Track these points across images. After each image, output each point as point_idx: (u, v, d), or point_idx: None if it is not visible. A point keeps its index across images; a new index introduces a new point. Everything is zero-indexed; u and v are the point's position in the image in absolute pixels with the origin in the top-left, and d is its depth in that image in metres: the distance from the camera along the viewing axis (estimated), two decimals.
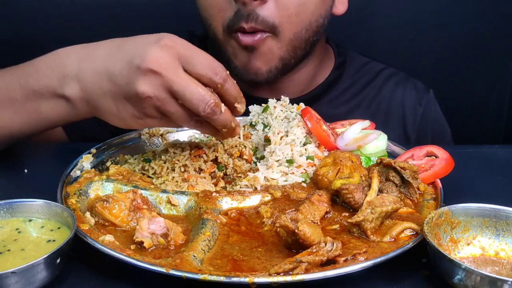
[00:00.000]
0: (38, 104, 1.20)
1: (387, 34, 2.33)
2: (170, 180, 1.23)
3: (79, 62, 1.14)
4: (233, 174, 1.27)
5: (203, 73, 1.08)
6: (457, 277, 0.85)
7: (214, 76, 1.08)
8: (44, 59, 1.21)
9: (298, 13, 1.49)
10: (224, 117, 1.11)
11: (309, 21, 1.53)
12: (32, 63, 1.22)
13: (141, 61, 1.05)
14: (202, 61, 1.08)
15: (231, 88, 1.12)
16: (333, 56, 1.82)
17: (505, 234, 0.98)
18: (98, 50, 1.15)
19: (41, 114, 1.21)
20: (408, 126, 1.78)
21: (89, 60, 1.14)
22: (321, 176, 1.17)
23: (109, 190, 1.17)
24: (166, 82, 1.05)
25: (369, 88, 1.81)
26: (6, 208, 1.01)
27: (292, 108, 1.39)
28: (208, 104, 1.07)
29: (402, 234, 0.99)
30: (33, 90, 1.19)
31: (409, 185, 1.15)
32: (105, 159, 1.34)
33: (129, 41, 1.13)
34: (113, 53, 1.12)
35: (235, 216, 1.10)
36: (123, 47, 1.12)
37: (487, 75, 2.42)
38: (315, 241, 0.93)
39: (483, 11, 2.31)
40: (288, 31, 1.50)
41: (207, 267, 0.92)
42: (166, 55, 1.05)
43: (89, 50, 1.16)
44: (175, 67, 1.06)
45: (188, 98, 1.06)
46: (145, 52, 1.05)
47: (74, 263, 0.95)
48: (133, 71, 1.06)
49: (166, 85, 1.05)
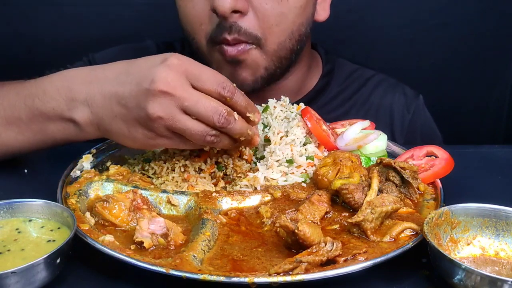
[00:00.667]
0: (45, 126, 1.20)
1: (387, 34, 2.33)
2: (170, 180, 1.23)
3: (87, 86, 1.15)
4: (233, 174, 1.26)
5: (212, 88, 1.09)
6: (457, 277, 0.85)
7: (222, 90, 1.10)
8: (50, 80, 1.21)
9: (279, 23, 1.48)
10: (239, 125, 1.13)
11: (291, 30, 1.52)
12: (38, 83, 1.22)
13: (150, 83, 1.06)
14: (209, 77, 1.10)
15: (240, 100, 1.13)
16: (321, 64, 1.82)
17: (505, 234, 0.98)
18: (105, 74, 1.16)
19: (48, 135, 1.22)
20: (396, 132, 1.77)
21: (97, 84, 1.14)
22: (321, 176, 1.17)
23: (109, 190, 1.17)
24: (177, 100, 1.06)
25: (358, 95, 1.81)
26: (6, 208, 1.01)
27: (292, 108, 1.39)
28: (222, 114, 1.09)
29: (402, 234, 0.99)
30: (40, 112, 1.19)
31: (409, 185, 1.15)
32: (105, 159, 1.34)
33: (136, 64, 1.14)
34: (121, 76, 1.13)
35: (235, 216, 1.10)
36: (130, 70, 1.13)
37: (487, 75, 2.41)
38: (315, 241, 0.93)
39: (483, 11, 2.30)
40: (271, 42, 1.50)
41: (207, 267, 0.92)
42: (174, 74, 1.07)
43: (96, 73, 1.17)
44: (183, 84, 1.08)
45: (202, 112, 1.07)
46: (153, 74, 1.07)
47: (74, 263, 0.95)
48: (142, 93, 1.08)
49: (177, 104, 1.07)
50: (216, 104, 1.09)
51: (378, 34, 2.32)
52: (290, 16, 1.50)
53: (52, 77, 1.21)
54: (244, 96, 1.15)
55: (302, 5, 1.52)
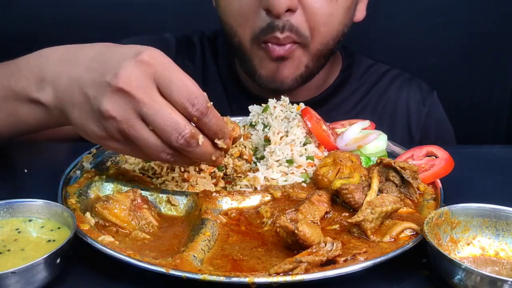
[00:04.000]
0: (16, 107, 1.12)
1: (388, 34, 2.33)
2: (170, 180, 1.23)
3: (58, 66, 1.05)
4: (233, 174, 1.27)
5: (178, 100, 0.95)
6: (457, 277, 0.85)
7: (190, 106, 0.95)
8: (27, 58, 1.13)
9: (327, 24, 1.49)
10: (201, 150, 0.99)
11: (336, 31, 1.54)
12: (17, 62, 1.15)
13: (112, 77, 0.94)
14: (179, 87, 0.95)
15: (211, 123, 0.98)
16: (340, 59, 1.84)
17: (505, 234, 0.98)
18: (79, 55, 1.04)
19: (19, 117, 1.13)
20: (413, 127, 1.79)
21: (69, 65, 1.03)
22: (321, 176, 1.17)
23: (109, 190, 1.17)
24: (136, 103, 0.94)
25: (375, 89, 1.83)
26: (6, 208, 1.01)
27: (292, 108, 1.39)
28: (182, 134, 0.95)
29: (402, 234, 0.99)
30: (13, 91, 1.11)
31: (409, 185, 1.15)
32: (105, 159, 1.34)
33: (112, 50, 1.01)
34: (92, 62, 1.01)
35: (235, 216, 1.10)
36: (102, 56, 1.01)
37: (488, 75, 2.41)
38: (315, 241, 0.93)
39: (483, 11, 2.30)
40: (317, 42, 1.51)
41: (207, 267, 0.92)
42: (140, 73, 0.94)
43: (71, 53, 1.06)
44: (148, 87, 0.94)
45: (159, 124, 0.94)
46: (119, 68, 0.95)
47: (74, 263, 0.95)
48: (102, 86, 0.96)
49: (135, 107, 0.94)
50: (179, 120, 0.95)
51: (378, 34, 2.32)
52: (337, 18, 1.51)
53: (30, 55, 1.13)
54: (218, 120, 0.99)
55: (349, 6, 1.54)
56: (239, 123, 1.44)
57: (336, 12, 1.50)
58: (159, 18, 2.26)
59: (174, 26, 2.09)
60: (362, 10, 1.68)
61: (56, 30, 2.20)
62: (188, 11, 2.24)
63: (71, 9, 2.24)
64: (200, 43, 1.87)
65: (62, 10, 2.24)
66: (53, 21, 2.24)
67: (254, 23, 1.49)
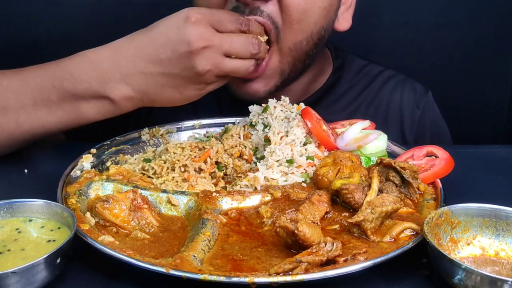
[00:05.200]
0: (77, 105, 1.26)
1: (387, 34, 2.33)
2: (170, 180, 1.23)
3: (119, 67, 1.22)
4: (233, 174, 1.27)
5: (233, 27, 1.24)
6: (457, 277, 0.85)
7: (241, 26, 1.24)
8: (75, 62, 1.25)
9: (300, 21, 1.42)
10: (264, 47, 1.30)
11: (310, 31, 1.46)
12: (62, 66, 1.26)
13: (187, 46, 1.17)
14: (228, 19, 1.23)
15: (254, 28, 1.29)
16: (331, 60, 1.80)
17: (505, 234, 0.98)
18: (130, 52, 1.22)
19: (81, 113, 1.27)
20: (406, 129, 1.77)
21: (130, 63, 1.21)
22: (321, 176, 1.17)
23: (109, 190, 1.17)
24: (216, 48, 1.19)
25: (368, 91, 1.79)
26: (6, 208, 1.01)
27: (292, 108, 1.39)
28: (254, 43, 1.25)
29: (402, 234, 1.00)
30: (71, 93, 1.24)
31: (409, 185, 1.15)
32: (105, 159, 1.34)
33: (157, 32, 1.22)
34: (149, 50, 1.21)
35: (235, 216, 1.10)
36: (154, 41, 1.21)
37: (487, 75, 2.41)
38: (315, 242, 0.93)
39: (483, 11, 2.31)
40: (288, 39, 1.44)
41: (207, 267, 0.92)
42: (203, 27, 1.18)
43: (121, 52, 1.23)
44: (214, 33, 1.20)
45: (238, 48, 1.22)
46: (186, 35, 1.17)
47: (74, 263, 0.95)
48: (185, 56, 1.18)
49: (217, 51, 1.19)
50: (244, 37, 1.24)
51: (378, 34, 2.32)
52: (313, 16, 1.45)
53: (75, 59, 1.26)
54: (257, 24, 1.31)
55: (326, 7, 1.48)
56: (239, 123, 1.45)
57: (311, 10, 1.43)
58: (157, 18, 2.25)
59: None
60: (348, 20, 1.62)
61: (56, 30, 2.20)
62: None
63: (70, 9, 2.24)
64: None
65: (61, 10, 2.23)
66: (52, 21, 2.23)
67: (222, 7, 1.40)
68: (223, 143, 1.31)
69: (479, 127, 2.48)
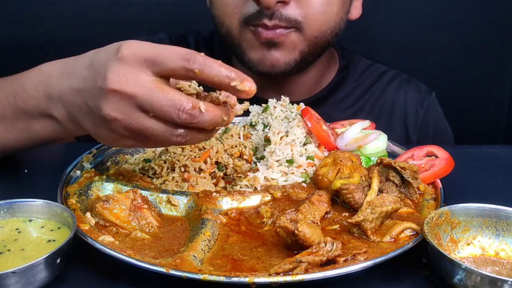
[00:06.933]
0: (29, 124, 1.15)
1: (387, 34, 2.33)
2: (170, 180, 1.23)
3: (60, 82, 1.06)
4: (233, 174, 1.27)
5: (175, 65, 0.92)
6: (457, 277, 0.85)
7: (187, 63, 0.91)
8: (29, 76, 1.15)
9: (324, 12, 1.49)
10: (209, 116, 0.94)
11: (334, 21, 1.53)
12: (18, 80, 1.17)
13: (102, 81, 0.94)
14: (169, 55, 0.93)
15: (213, 69, 0.92)
16: (337, 59, 1.84)
17: (505, 234, 0.98)
18: (74, 67, 1.05)
19: (33, 133, 1.16)
20: (410, 128, 1.80)
21: (67, 79, 1.05)
22: (321, 176, 1.17)
23: (109, 190, 1.17)
24: (130, 97, 0.93)
25: (373, 90, 1.82)
26: (6, 208, 1.01)
27: (292, 108, 1.39)
28: (181, 109, 0.92)
29: (402, 234, 0.99)
30: (22, 110, 1.14)
31: (409, 185, 1.15)
32: (105, 159, 1.34)
33: (97, 55, 1.01)
34: (85, 71, 1.01)
35: (235, 216, 1.10)
36: (92, 62, 1.01)
37: (487, 75, 2.42)
38: (315, 242, 0.93)
39: (483, 11, 2.31)
40: (313, 28, 1.50)
41: (207, 267, 0.92)
42: (125, 67, 0.93)
43: (67, 67, 1.07)
44: (136, 76, 0.93)
45: (156, 107, 0.92)
46: (105, 70, 0.95)
47: (74, 263, 0.95)
48: (96, 92, 0.96)
49: (130, 101, 0.94)
50: (173, 97, 0.92)
51: (378, 34, 2.32)
52: (335, 7, 1.52)
53: (31, 72, 1.15)
54: (220, 64, 0.93)
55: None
56: (239, 123, 1.45)
57: (332, 2, 1.50)
58: (156, 18, 2.25)
59: (174, 27, 2.08)
60: (358, 8, 1.68)
61: (56, 30, 2.20)
62: (187, 11, 2.24)
63: (69, 8, 2.24)
64: (195, 43, 1.86)
65: (60, 9, 2.23)
66: (52, 21, 2.23)
67: (242, 10, 1.48)
68: (223, 143, 1.31)
69: (479, 127, 2.48)
